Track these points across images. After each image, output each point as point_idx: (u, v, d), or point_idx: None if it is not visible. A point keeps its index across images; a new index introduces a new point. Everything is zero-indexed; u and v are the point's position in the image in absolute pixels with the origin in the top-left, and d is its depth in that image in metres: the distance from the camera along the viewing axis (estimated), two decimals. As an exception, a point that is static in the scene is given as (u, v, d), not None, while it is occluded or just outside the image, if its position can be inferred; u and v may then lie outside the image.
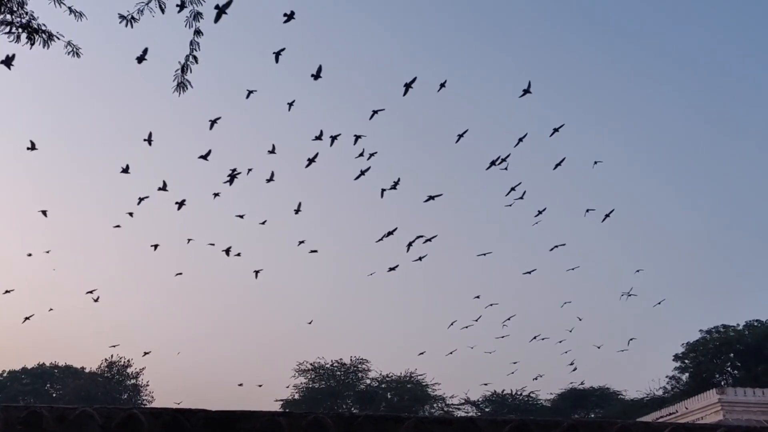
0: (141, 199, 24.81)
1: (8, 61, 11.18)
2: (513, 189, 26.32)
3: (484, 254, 33.21)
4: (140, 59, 15.24)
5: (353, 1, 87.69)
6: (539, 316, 67.25)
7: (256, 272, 29.14)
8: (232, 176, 23.50)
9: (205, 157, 23.13)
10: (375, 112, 22.76)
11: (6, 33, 7.28)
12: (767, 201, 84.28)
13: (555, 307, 43.62)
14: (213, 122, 21.35)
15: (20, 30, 7.30)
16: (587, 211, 25.83)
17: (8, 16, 7.23)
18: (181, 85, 7.64)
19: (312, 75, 19.70)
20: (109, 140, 76.57)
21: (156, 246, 27.64)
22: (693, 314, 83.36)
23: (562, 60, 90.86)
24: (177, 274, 35.56)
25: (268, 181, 25.10)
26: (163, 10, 7.18)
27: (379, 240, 27.01)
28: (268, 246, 61.29)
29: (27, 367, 58.08)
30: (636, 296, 33.70)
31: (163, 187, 23.58)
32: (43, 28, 7.37)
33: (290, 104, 22.74)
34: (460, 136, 24.35)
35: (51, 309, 38.86)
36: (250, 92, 21.96)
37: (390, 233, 26.82)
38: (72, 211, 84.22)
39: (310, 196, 68.16)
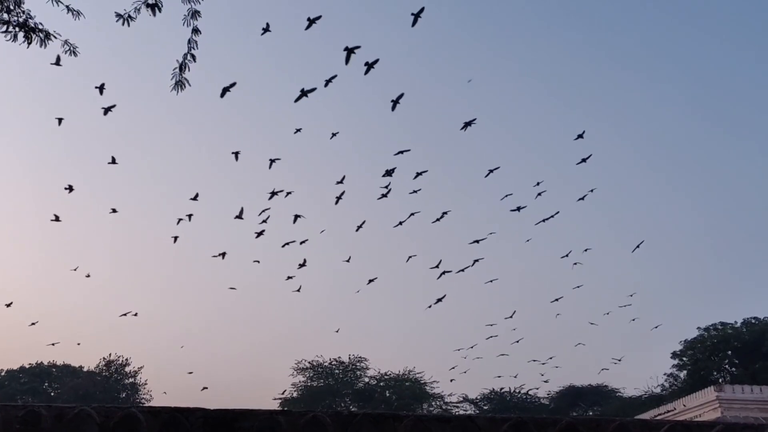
0: (190, 216, 24.83)
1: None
2: (544, 220, 27.11)
3: (491, 281, 34.67)
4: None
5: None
6: (541, 318, 67.35)
7: (298, 289, 29.55)
8: (297, 216, 24.59)
9: (239, 216, 23.99)
10: (401, 151, 23.78)
11: (3, 32, 7.26)
12: (765, 199, 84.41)
13: (556, 312, 44.12)
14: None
15: (17, 29, 7.28)
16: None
17: (5, 15, 7.21)
18: (179, 84, 7.61)
19: (392, 101, 19.22)
20: (107, 139, 76.45)
21: (223, 254, 26.36)
22: (691, 312, 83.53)
23: (560, 58, 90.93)
24: (231, 288, 35.73)
25: (337, 200, 25.40)
26: (160, 9, 7.16)
27: (438, 276, 28.07)
28: (267, 245, 61.32)
29: (25, 366, 58.05)
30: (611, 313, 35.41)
31: (194, 197, 23.93)
32: (40, 27, 7.35)
33: (334, 134, 23.24)
34: (491, 171, 25.05)
35: (79, 343, 38.80)
36: (297, 130, 22.43)
37: (444, 273, 28.01)
38: (70, 210, 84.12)
39: (313, 197, 68.08)
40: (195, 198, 24.51)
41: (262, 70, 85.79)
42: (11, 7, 7.19)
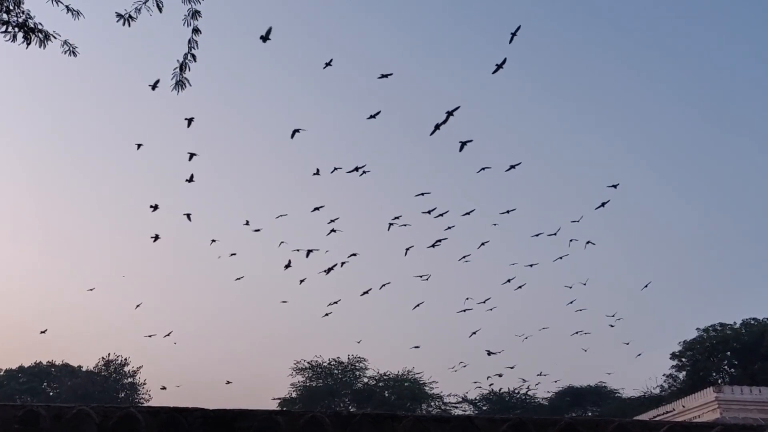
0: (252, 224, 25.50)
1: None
2: (561, 257, 27.78)
3: (490, 308, 32.97)
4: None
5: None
6: (540, 321, 67.26)
7: (331, 306, 29.79)
8: (353, 254, 25.45)
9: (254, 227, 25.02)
10: (421, 194, 24.86)
11: (2, 33, 7.26)
12: (764, 199, 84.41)
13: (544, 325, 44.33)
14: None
15: (16, 29, 7.27)
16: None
17: (4, 16, 7.20)
18: (180, 84, 7.61)
19: (461, 137, 20.11)
20: (108, 139, 76.50)
21: (288, 265, 25.77)
22: (690, 312, 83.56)
23: (559, 56, 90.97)
24: (282, 302, 35.15)
25: (390, 227, 26.24)
26: (160, 9, 7.16)
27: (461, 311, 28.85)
28: (266, 245, 61.35)
29: (24, 366, 58.01)
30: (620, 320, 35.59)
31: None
32: (40, 27, 7.34)
33: (363, 172, 23.66)
34: (508, 211, 25.90)
35: (80, 366, 37.62)
36: (335, 169, 22.93)
37: (466, 310, 28.83)
38: (70, 210, 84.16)
39: (321, 198, 67.86)
40: (247, 224, 25.14)
41: (263, 71, 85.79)
42: (11, 7, 7.18)
